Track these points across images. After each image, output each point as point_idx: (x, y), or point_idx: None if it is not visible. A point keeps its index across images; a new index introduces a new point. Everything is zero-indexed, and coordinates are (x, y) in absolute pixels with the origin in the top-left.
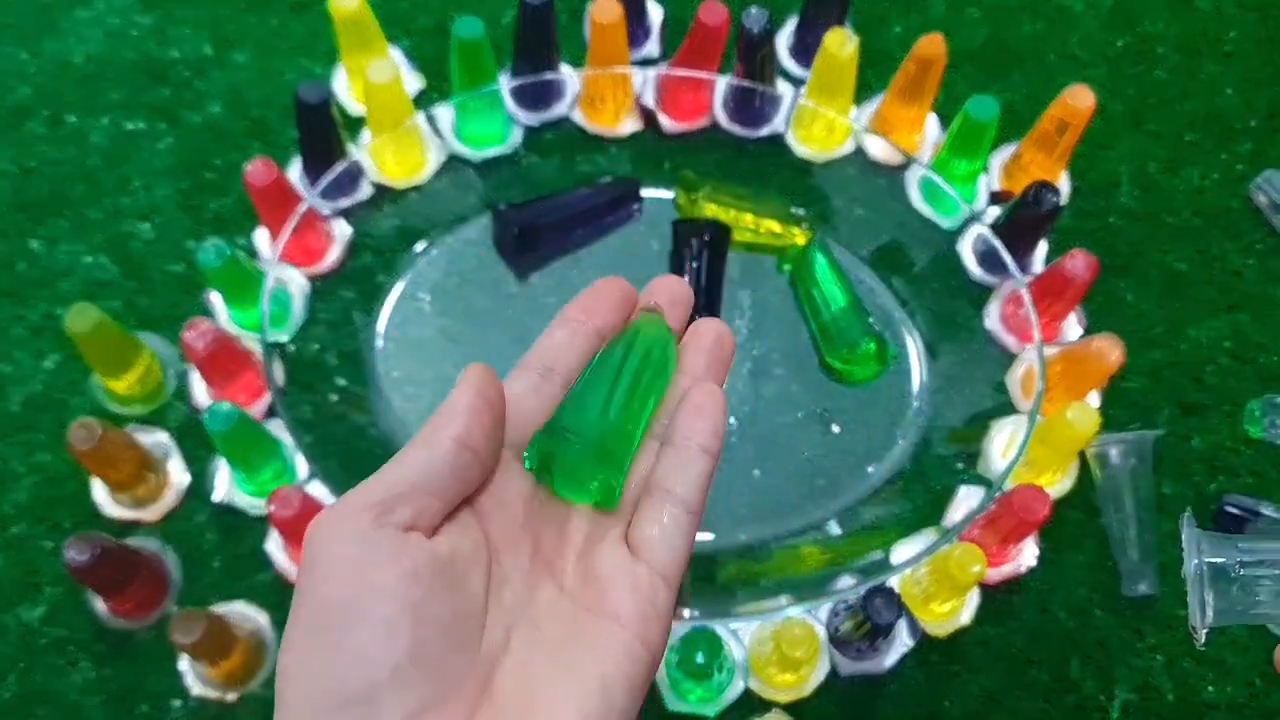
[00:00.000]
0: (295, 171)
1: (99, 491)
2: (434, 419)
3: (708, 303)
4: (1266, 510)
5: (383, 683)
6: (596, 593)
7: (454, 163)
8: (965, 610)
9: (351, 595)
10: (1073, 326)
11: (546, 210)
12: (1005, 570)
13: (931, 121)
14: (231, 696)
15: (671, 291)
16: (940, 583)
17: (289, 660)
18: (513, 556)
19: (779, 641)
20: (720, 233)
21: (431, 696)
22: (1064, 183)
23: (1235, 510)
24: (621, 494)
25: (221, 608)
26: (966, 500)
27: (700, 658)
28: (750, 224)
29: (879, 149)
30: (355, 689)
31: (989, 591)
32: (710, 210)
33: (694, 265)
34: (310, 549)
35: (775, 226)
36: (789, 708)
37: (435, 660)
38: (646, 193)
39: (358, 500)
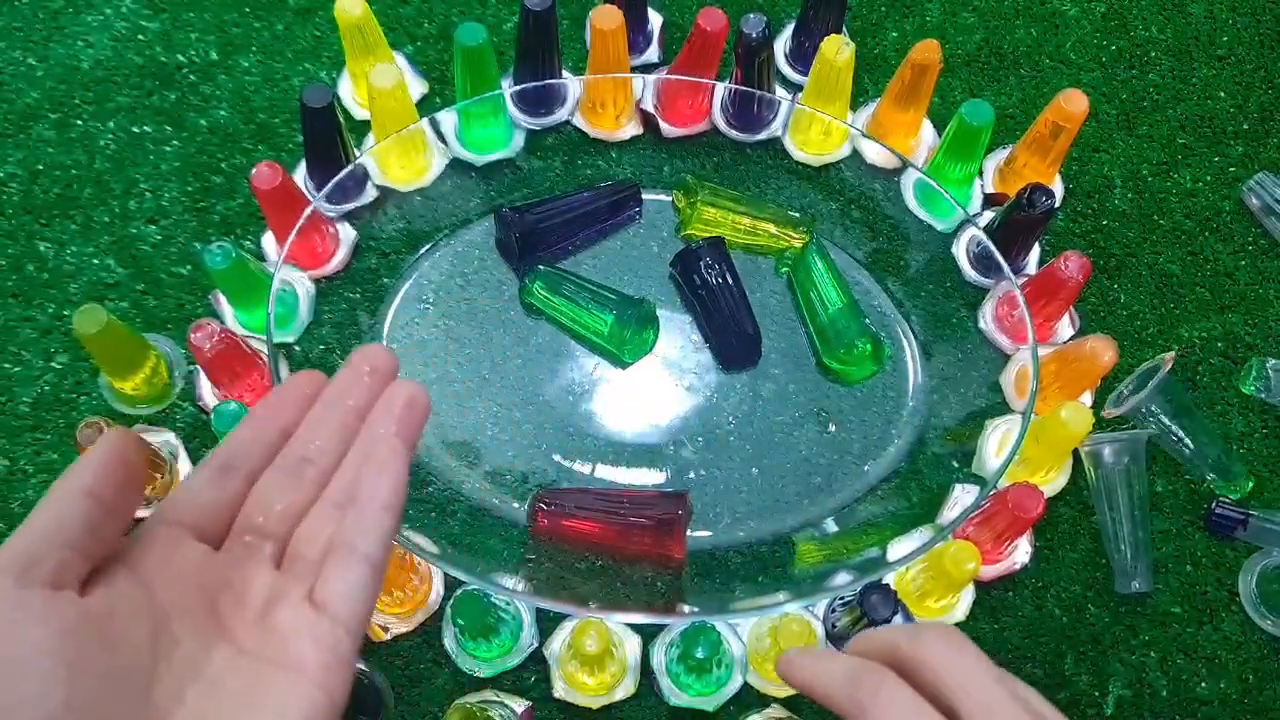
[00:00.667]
0: (300, 175)
1: None
2: (65, 474)
3: (746, 309)
4: (1257, 514)
5: None
6: (278, 647)
7: (457, 166)
8: (960, 607)
9: (5, 654)
10: (1066, 327)
11: (548, 213)
12: (1000, 567)
13: (927, 126)
14: None
15: (373, 361)
16: (936, 579)
17: None
18: (184, 621)
19: (777, 637)
20: (720, 246)
21: None
22: (1058, 185)
23: (1227, 514)
24: None
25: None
26: (962, 498)
27: (700, 653)
28: (748, 227)
29: (875, 153)
30: None
31: (984, 588)
32: (708, 214)
33: (719, 282)
34: None
35: (772, 229)
36: (787, 703)
37: (94, 707)
38: (646, 196)
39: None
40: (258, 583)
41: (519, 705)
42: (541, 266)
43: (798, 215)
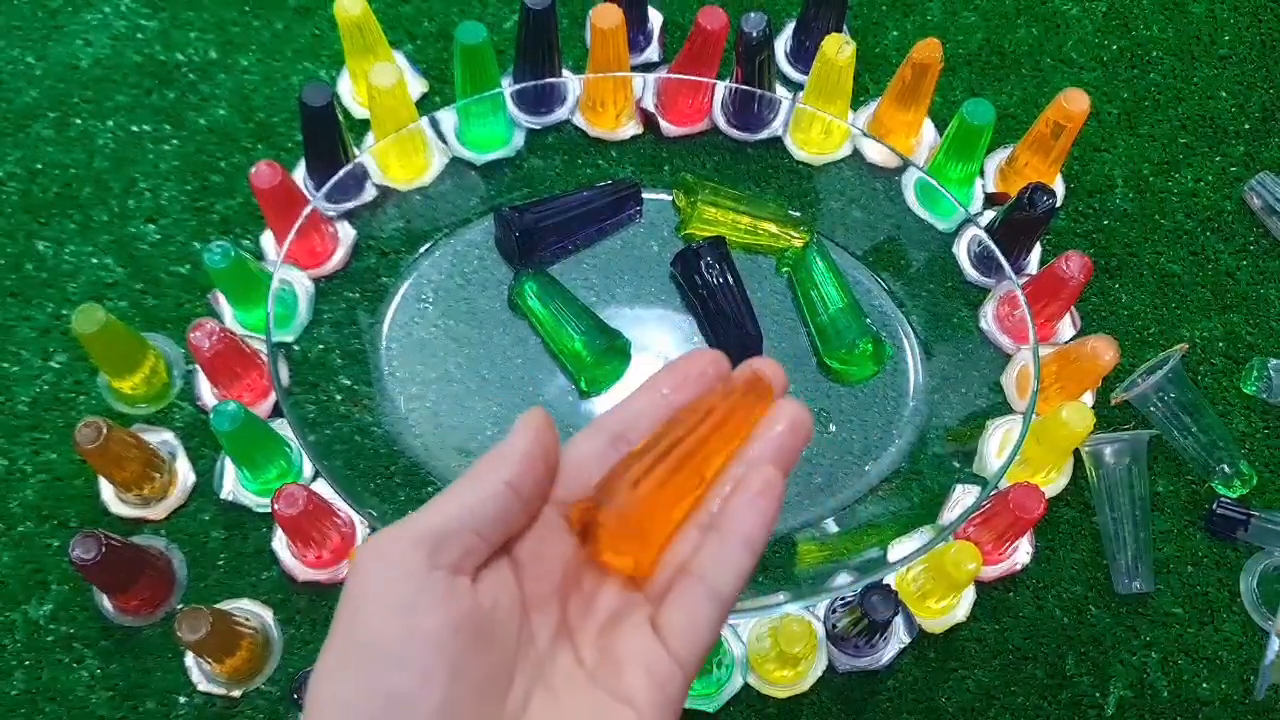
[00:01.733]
0: (300, 174)
1: (106, 490)
2: (488, 458)
3: (748, 309)
4: (1258, 514)
5: None
6: (613, 672)
7: (457, 165)
8: (961, 607)
9: (395, 637)
10: (1067, 327)
11: (548, 212)
12: (1001, 568)
13: (928, 125)
14: (236, 693)
15: (771, 374)
16: (937, 580)
17: (323, 691)
18: (542, 616)
19: (777, 638)
20: (720, 246)
21: None
22: (1059, 185)
23: (1228, 514)
24: (654, 570)
25: (227, 605)
26: (962, 498)
27: None
28: (748, 226)
29: (876, 152)
30: None
31: (985, 588)
32: (708, 213)
33: (719, 282)
34: (357, 579)
35: (773, 228)
36: (787, 703)
37: (461, 713)
38: (646, 195)
39: (409, 534)
40: (606, 592)
41: None
42: (537, 270)
43: (798, 215)
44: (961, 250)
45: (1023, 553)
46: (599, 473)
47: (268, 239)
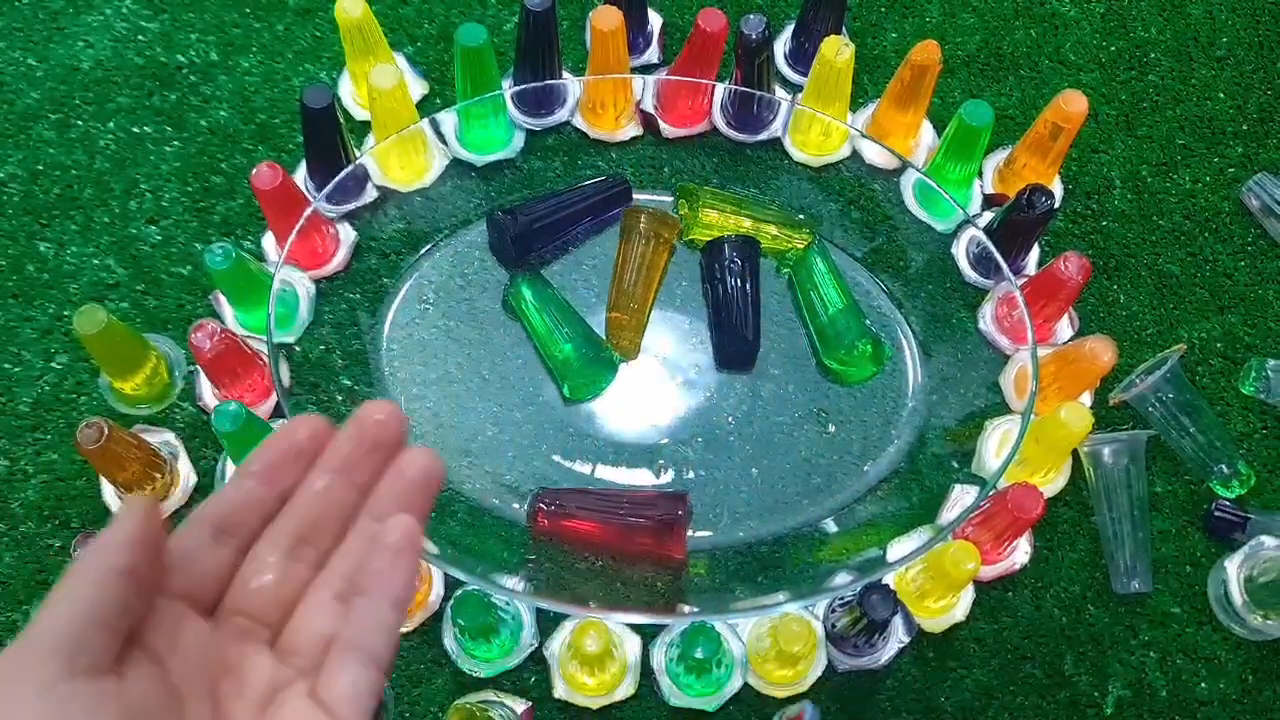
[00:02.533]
0: (301, 175)
1: (107, 490)
2: (93, 549)
3: (754, 319)
4: (1255, 515)
5: None
6: None
7: (457, 167)
8: (960, 607)
9: None
10: (1065, 328)
11: (541, 213)
12: (999, 567)
13: (926, 127)
14: None
15: (379, 426)
16: (935, 579)
17: None
18: (196, 705)
19: (777, 637)
20: (750, 246)
21: None
22: (1057, 186)
23: (1225, 516)
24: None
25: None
26: (961, 498)
27: (700, 653)
28: (750, 229)
29: (875, 153)
30: None
31: (983, 588)
32: (710, 217)
33: (735, 284)
34: None
35: (774, 230)
36: (786, 702)
37: None
38: (647, 196)
39: (36, 646)
40: (256, 669)
41: (519, 705)
42: (532, 274)
43: (801, 217)
44: (960, 251)
45: (1021, 553)
46: (210, 564)
47: (269, 240)
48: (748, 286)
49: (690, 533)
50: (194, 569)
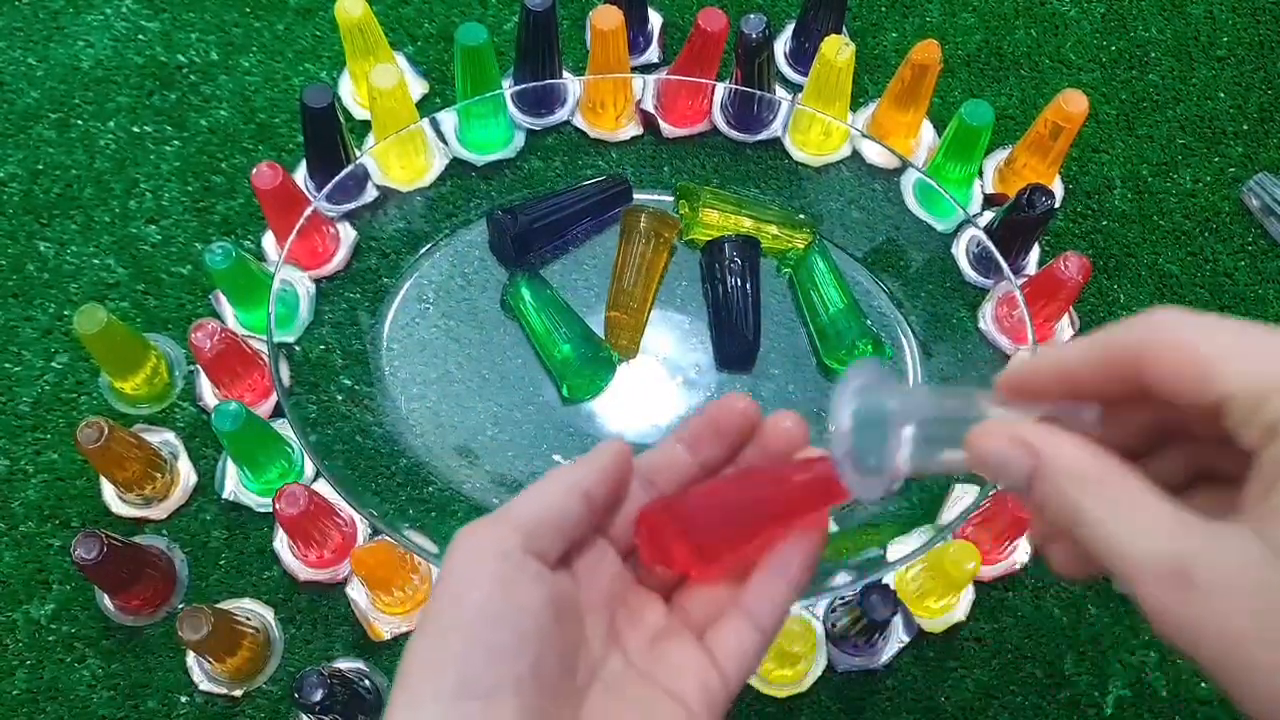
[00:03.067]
0: (301, 175)
1: (107, 490)
2: (574, 468)
3: (755, 318)
4: None
5: (506, 687)
6: (667, 674)
7: (457, 166)
8: (960, 606)
9: (496, 604)
10: (1066, 328)
11: (541, 212)
12: (1000, 567)
13: (927, 126)
14: (238, 692)
15: (790, 427)
16: (936, 579)
17: (423, 647)
18: (595, 624)
19: (781, 638)
20: (751, 246)
21: (538, 713)
22: (1057, 186)
23: None
24: (711, 576)
25: (228, 604)
26: (961, 498)
27: None
28: (751, 229)
29: (875, 153)
30: (482, 685)
31: (984, 588)
32: (710, 217)
33: (736, 283)
34: (457, 557)
35: (775, 230)
36: (786, 703)
37: (549, 683)
38: (647, 195)
39: (506, 522)
40: (652, 611)
41: None
42: (531, 273)
43: (801, 217)
44: (960, 251)
45: (1022, 552)
46: (632, 511)
47: (269, 240)
48: (748, 286)
49: None
50: (624, 514)
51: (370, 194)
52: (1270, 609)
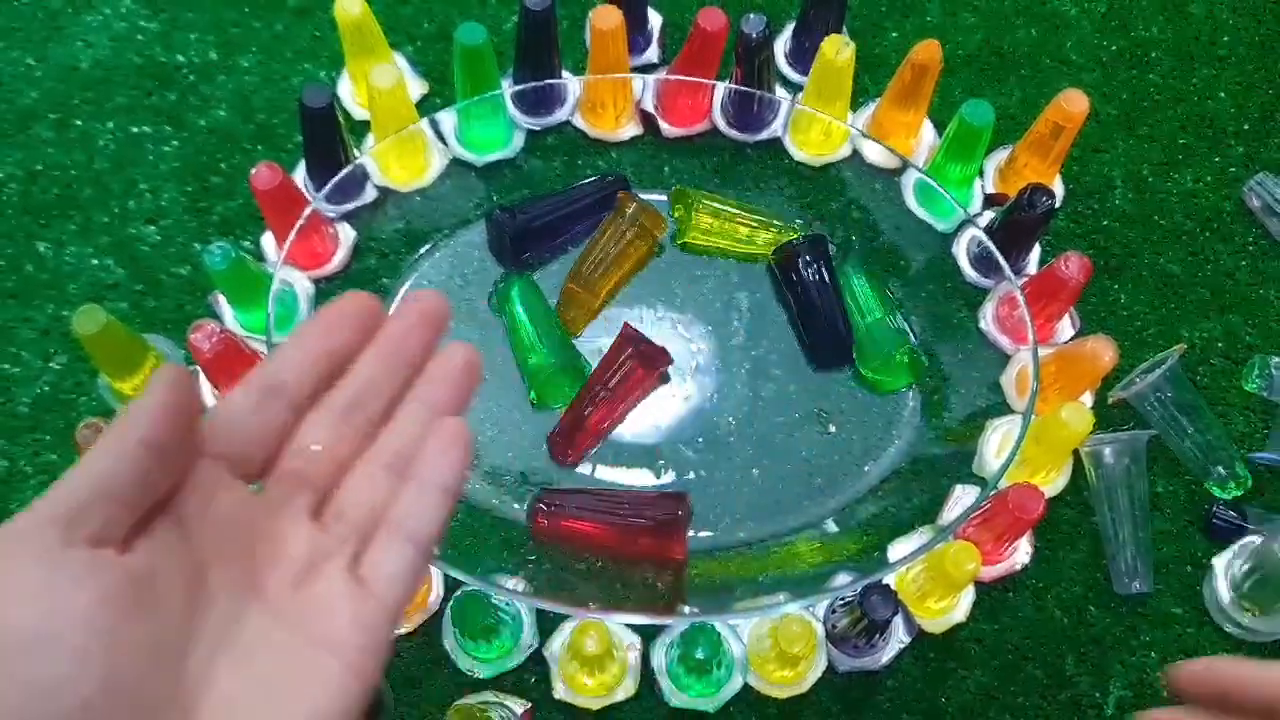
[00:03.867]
0: (300, 175)
1: None
2: (119, 420)
3: (840, 309)
4: (1254, 523)
5: (73, 718)
6: (316, 619)
7: (457, 167)
8: (961, 607)
9: (37, 623)
10: (1066, 328)
11: (540, 212)
12: (1000, 568)
13: (927, 126)
14: None
15: (426, 309)
16: (936, 580)
17: None
18: (222, 574)
19: (777, 638)
20: (820, 244)
21: None
22: (1058, 186)
23: (1225, 523)
24: None
25: None
26: (962, 499)
27: (700, 653)
28: (745, 236)
29: (875, 153)
30: None
31: (984, 589)
32: (705, 222)
33: (815, 279)
34: None
35: (771, 237)
36: (787, 703)
37: (131, 691)
38: (647, 196)
39: (38, 515)
40: (297, 538)
41: (519, 706)
42: (523, 276)
43: (797, 224)
44: (961, 251)
45: (1022, 553)
46: (255, 426)
47: (268, 240)
48: (827, 281)
49: (690, 533)
50: (240, 431)
51: (369, 194)
52: None
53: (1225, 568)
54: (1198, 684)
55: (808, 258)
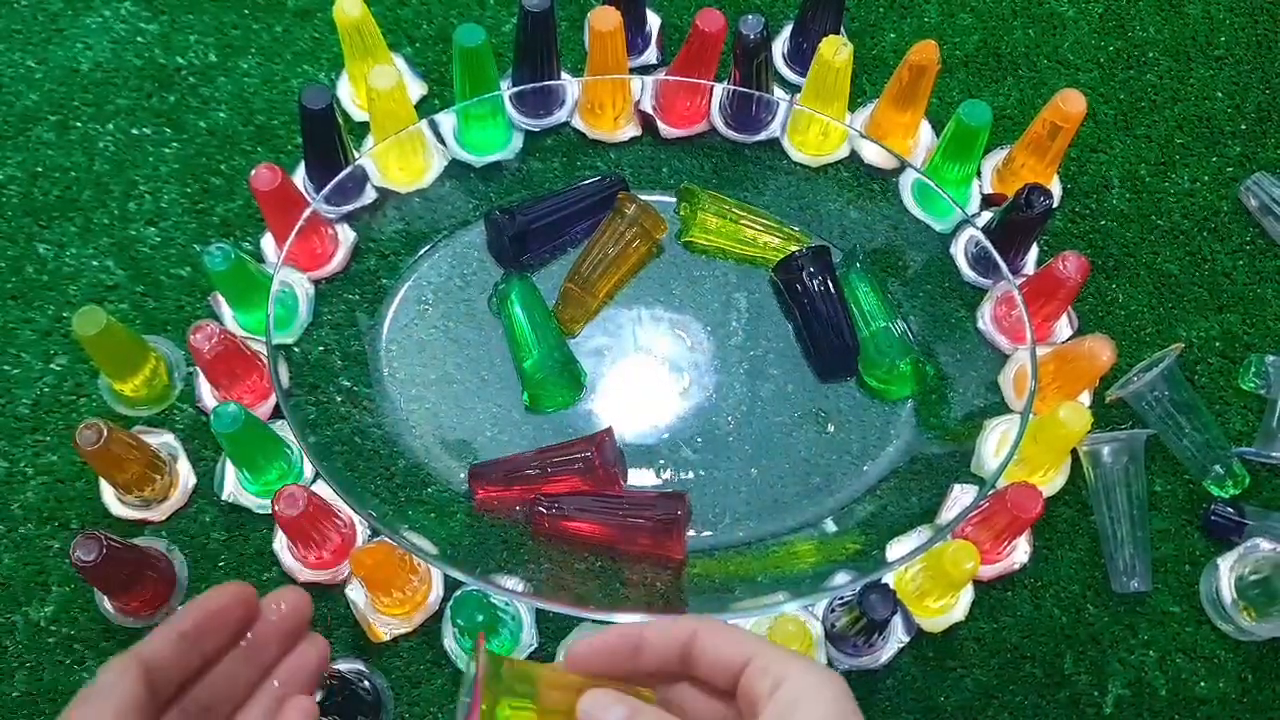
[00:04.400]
0: (300, 177)
1: (107, 492)
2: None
3: (846, 319)
4: (1252, 520)
5: None
6: None
7: (456, 168)
8: (959, 606)
9: None
10: (1064, 327)
11: (539, 212)
12: (999, 567)
13: (925, 127)
14: None
15: (290, 614)
16: (935, 579)
17: None
18: None
19: (776, 638)
20: (824, 255)
21: None
22: (1055, 186)
23: (1223, 520)
24: None
25: None
26: (960, 498)
27: None
28: (750, 239)
29: (873, 153)
30: None
31: (983, 588)
32: (710, 223)
33: (820, 290)
34: None
35: (774, 241)
36: None
37: None
38: (646, 196)
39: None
40: None
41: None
42: (522, 277)
43: (799, 230)
44: (959, 251)
45: (1021, 552)
46: (130, 702)
47: (268, 241)
48: (831, 292)
49: (690, 533)
50: (129, 708)
51: (369, 195)
52: None
53: (1230, 569)
54: (590, 657)
55: (812, 269)
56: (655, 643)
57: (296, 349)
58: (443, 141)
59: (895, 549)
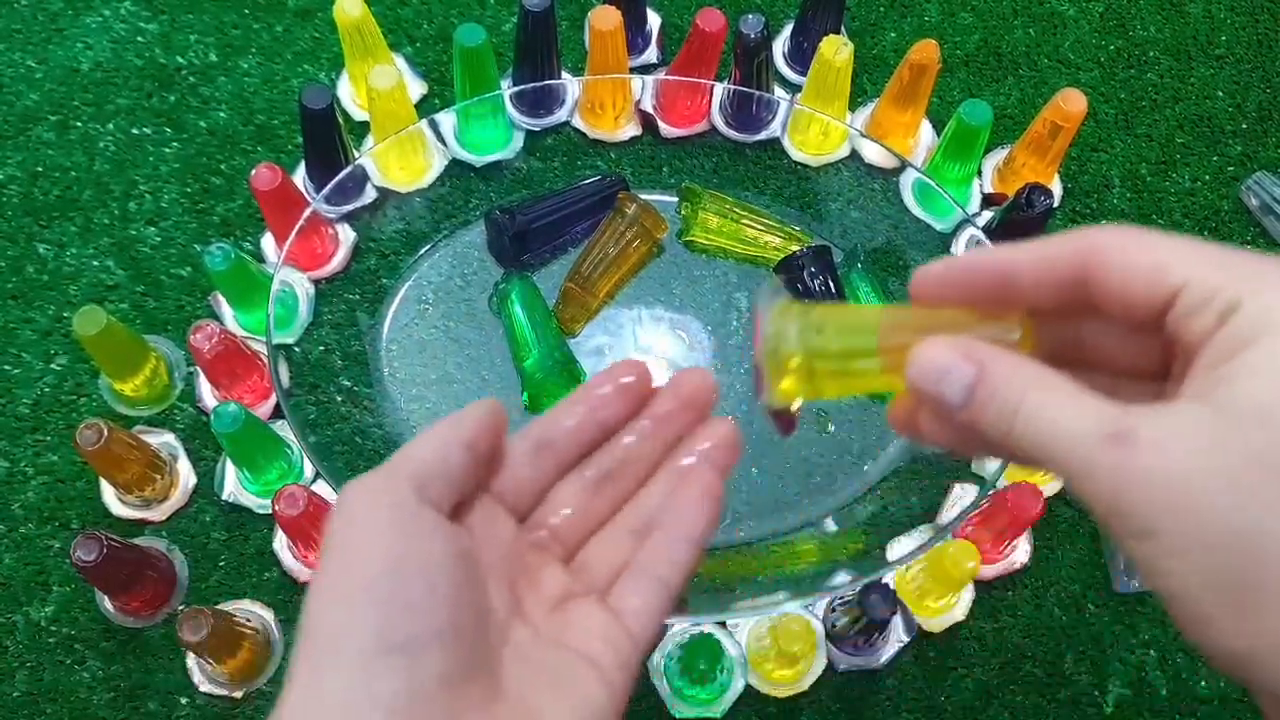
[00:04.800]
0: (300, 176)
1: (107, 492)
2: (451, 422)
3: None
4: None
5: (427, 640)
6: (574, 638)
7: (456, 167)
8: (960, 606)
9: (403, 555)
10: None
11: (539, 212)
12: (999, 567)
13: (925, 126)
14: (238, 693)
15: (694, 391)
16: (935, 579)
17: (329, 604)
18: (498, 590)
19: (776, 637)
20: (825, 255)
21: (461, 669)
22: (1056, 185)
23: None
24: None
25: (228, 606)
26: (961, 497)
27: (703, 664)
28: (751, 239)
29: (874, 153)
30: (403, 639)
31: (983, 587)
32: (712, 222)
33: (821, 290)
34: (348, 511)
35: (777, 242)
36: (786, 702)
37: (468, 639)
38: (646, 196)
39: (396, 471)
40: (551, 576)
41: None
42: (523, 276)
43: (799, 230)
44: (960, 250)
45: (1021, 551)
46: (527, 475)
47: (268, 241)
48: (832, 292)
49: None
50: (514, 475)
51: (369, 195)
52: (1218, 448)
53: None
54: (942, 283)
55: (813, 269)
56: (1034, 271)
57: (297, 349)
58: (443, 141)
59: (896, 549)
